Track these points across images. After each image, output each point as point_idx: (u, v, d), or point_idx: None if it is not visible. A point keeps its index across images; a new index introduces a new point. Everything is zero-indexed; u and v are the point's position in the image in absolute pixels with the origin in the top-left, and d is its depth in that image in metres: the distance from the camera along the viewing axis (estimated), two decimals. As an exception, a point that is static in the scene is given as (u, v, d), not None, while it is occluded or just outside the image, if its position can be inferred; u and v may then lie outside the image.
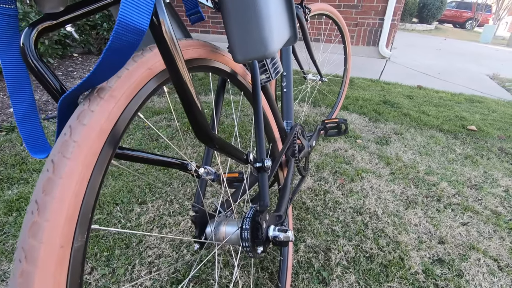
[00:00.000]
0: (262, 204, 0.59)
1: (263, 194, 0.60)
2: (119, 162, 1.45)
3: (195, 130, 0.43)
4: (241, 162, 0.57)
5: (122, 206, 1.23)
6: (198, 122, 0.43)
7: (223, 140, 0.49)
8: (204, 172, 0.64)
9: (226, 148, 0.51)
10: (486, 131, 2.05)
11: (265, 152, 0.63)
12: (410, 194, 1.38)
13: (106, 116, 0.33)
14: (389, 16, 4.07)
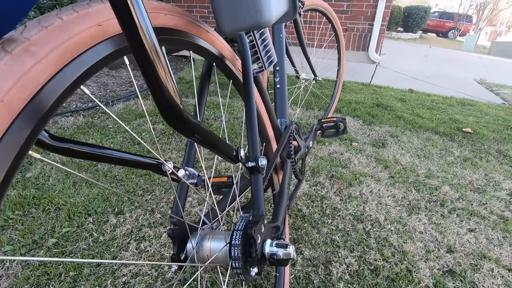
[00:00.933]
0: (256, 212, 0.48)
1: (257, 201, 0.48)
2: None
3: (162, 109, 0.31)
4: (229, 160, 0.46)
5: (95, 217, 1.09)
6: (165, 97, 0.30)
7: (204, 128, 0.38)
8: (185, 175, 0.52)
9: (208, 139, 0.40)
10: (481, 134, 2.01)
11: (259, 149, 0.52)
12: (412, 198, 1.29)
13: (14, 79, 0.21)
14: (378, 21, 4.08)
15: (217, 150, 0.42)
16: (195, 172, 0.56)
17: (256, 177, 0.50)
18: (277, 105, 1.03)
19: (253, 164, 0.50)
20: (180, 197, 0.53)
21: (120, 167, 1.39)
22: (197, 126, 0.36)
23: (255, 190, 0.49)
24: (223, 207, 0.63)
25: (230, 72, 0.61)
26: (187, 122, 0.33)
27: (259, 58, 0.73)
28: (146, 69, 0.28)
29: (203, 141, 0.39)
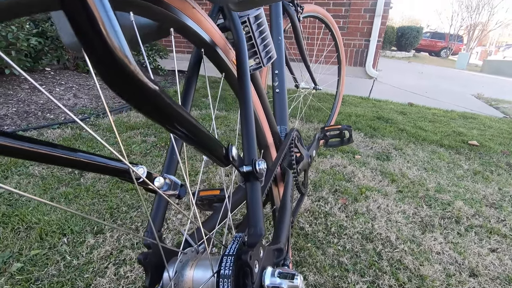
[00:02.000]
0: (253, 231, 0.37)
1: (255, 216, 0.38)
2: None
3: (98, 61, 0.19)
4: (218, 162, 0.35)
5: (71, 237, 0.96)
6: (99, 36, 0.18)
7: (179, 109, 0.27)
8: (163, 184, 0.42)
9: (188, 129, 0.29)
10: (488, 146, 1.93)
11: (256, 151, 0.42)
12: (424, 215, 1.18)
13: None
14: (375, 37, 4.11)
15: (200, 146, 0.32)
16: (177, 181, 0.45)
17: (253, 186, 0.40)
18: (276, 111, 0.94)
19: (249, 169, 0.39)
20: (157, 212, 0.42)
21: (105, 181, 1.27)
22: (165, 104, 0.25)
23: (251, 202, 0.39)
24: (213, 226, 0.52)
25: (222, 63, 0.52)
26: (148, 93, 0.23)
27: (257, 52, 0.64)
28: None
29: (180, 131, 0.29)
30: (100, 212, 1.08)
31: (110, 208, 1.11)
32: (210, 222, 0.51)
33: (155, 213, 0.42)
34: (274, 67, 0.99)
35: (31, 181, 1.24)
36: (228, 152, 0.36)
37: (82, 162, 0.33)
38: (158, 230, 0.42)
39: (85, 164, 0.32)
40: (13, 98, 2.19)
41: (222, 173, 0.84)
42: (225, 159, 0.36)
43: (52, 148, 0.25)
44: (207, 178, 1.36)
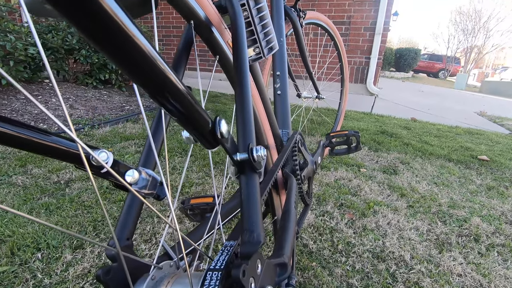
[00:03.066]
0: (249, 238, 0.28)
1: (251, 218, 0.29)
2: None
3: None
4: (201, 139, 0.27)
5: (46, 252, 0.85)
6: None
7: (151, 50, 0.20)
8: (138, 180, 0.33)
9: (157, 83, 0.21)
10: (499, 162, 1.84)
11: (254, 137, 0.34)
12: (439, 232, 1.07)
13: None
14: (375, 55, 4.14)
15: (177, 116, 0.24)
16: (157, 177, 0.37)
17: (249, 178, 0.31)
18: (278, 114, 0.87)
19: (244, 156, 0.31)
20: (128, 215, 0.33)
21: (92, 191, 1.18)
22: (125, 36, 0.17)
23: (247, 200, 0.30)
24: (200, 235, 0.42)
25: (216, 43, 0.45)
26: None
27: (257, 41, 0.58)
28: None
29: (149, 87, 0.21)
30: (83, 224, 0.98)
31: (94, 221, 1.01)
32: (198, 232, 0.42)
33: (125, 216, 0.33)
34: (275, 69, 0.93)
35: (12, 190, 1.15)
36: (215, 127, 0.27)
37: (29, 141, 0.25)
38: (127, 237, 0.33)
39: (22, 142, 0.24)
40: (7, 108, 2.14)
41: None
42: (212, 137, 0.27)
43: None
44: (202, 183, 1.26)
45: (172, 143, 1.77)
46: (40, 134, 0.26)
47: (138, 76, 0.21)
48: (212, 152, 1.67)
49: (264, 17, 0.58)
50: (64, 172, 1.32)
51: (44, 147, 0.26)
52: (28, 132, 0.25)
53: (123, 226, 0.33)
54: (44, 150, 0.27)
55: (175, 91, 0.23)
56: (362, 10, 4.06)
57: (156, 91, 0.22)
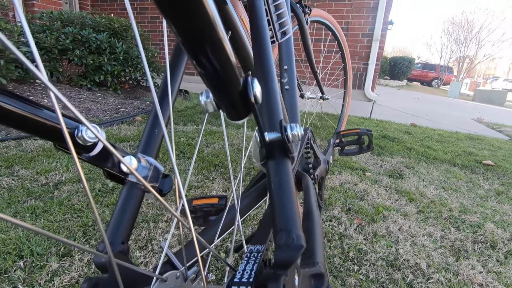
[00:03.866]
0: (286, 240, 0.21)
1: (285, 213, 0.22)
2: None
3: None
4: (228, 107, 0.20)
5: (29, 260, 0.77)
6: None
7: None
8: (137, 170, 0.27)
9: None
10: (504, 167, 1.81)
11: (286, 113, 0.28)
12: (453, 238, 1.02)
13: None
14: (373, 61, 4.14)
15: (209, 63, 0.18)
16: (159, 167, 0.30)
17: (281, 164, 0.25)
18: (287, 109, 0.81)
19: (276, 136, 0.25)
20: (123, 212, 0.26)
21: (83, 194, 1.10)
22: None
23: (279, 191, 0.23)
24: (210, 238, 0.36)
25: (229, 16, 0.39)
26: None
27: (269, 22, 0.52)
28: None
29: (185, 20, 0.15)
30: (71, 229, 0.90)
31: (84, 226, 0.92)
32: (207, 234, 0.35)
33: (120, 214, 0.27)
34: (283, 62, 0.87)
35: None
36: (247, 88, 0.21)
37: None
38: (122, 241, 0.26)
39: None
40: None
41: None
42: (241, 101, 0.21)
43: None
44: (203, 185, 1.18)
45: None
46: (9, 98, 0.20)
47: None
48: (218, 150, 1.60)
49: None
50: (54, 174, 1.24)
51: (16, 117, 0.20)
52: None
53: (116, 227, 0.26)
54: (16, 122, 0.20)
55: (214, 32, 0.17)
56: (360, 16, 4.08)
57: (192, 26, 0.16)
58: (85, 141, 0.22)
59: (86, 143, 0.22)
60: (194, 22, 0.15)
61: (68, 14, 2.85)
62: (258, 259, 0.21)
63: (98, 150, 0.23)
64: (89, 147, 0.23)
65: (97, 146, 0.23)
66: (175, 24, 0.15)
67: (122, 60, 2.97)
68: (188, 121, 2.33)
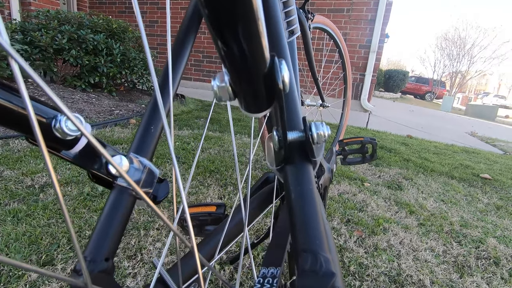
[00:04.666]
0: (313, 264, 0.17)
1: (312, 231, 0.18)
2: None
3: None
4: (247, 95, 0.17)
5: (6, 269, 0.71)
6: None
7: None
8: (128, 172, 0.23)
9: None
10: (501, 181, 1.80)
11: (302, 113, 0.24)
12: (456, 253, 0.98)
13: None
14: (370, 72, 4.18)
15: (236, 38, 0.14)
16: (155, 170, 0.26)
17: (302, 170, 0.21)
18: (288, 115, 0.77)
19: (299, 135, 0.21)
20: (111, 221, 0.22)
21: (71, 198, 1.04)
22: None
23: (301, 201, 0.20)
24: (209, 252, 0.32)
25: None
26: None
27: (278, 20, 0.49)
28: None
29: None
30: (55, 235, 0.84)
31: (65, 232, 0.86)
32: (206, 247, 0.31)
33: (106, 224, 0.22)
34: (286, 66, 0.85)
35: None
36: (274, 70, 0.17)
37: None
38: (107, 257, 0.22)
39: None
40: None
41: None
42: (265, 87, 0.17)
43: None
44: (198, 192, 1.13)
45: (163, 149, 1.65)
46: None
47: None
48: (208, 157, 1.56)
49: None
50: (41, 176, 1.18)
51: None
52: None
53: (101, 240, 0.22)
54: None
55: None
56: (358, 28, 4.13)
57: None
58: (64, 134, 0.18)
59: (65, 137, 0.18)
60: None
61: (66, 13, 2.81)
62: (274, 286, 0.17)
63: (81, 147, 0.19)
64: (70, 142, 0.19)
65: (80, 141, 0.19)
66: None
67: (119, 62, 2.93)
68: (183, 125, 2.29)
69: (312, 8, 4.30)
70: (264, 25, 0.15)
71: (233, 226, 0.41)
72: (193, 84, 5.06)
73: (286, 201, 0.21)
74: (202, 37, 4.83)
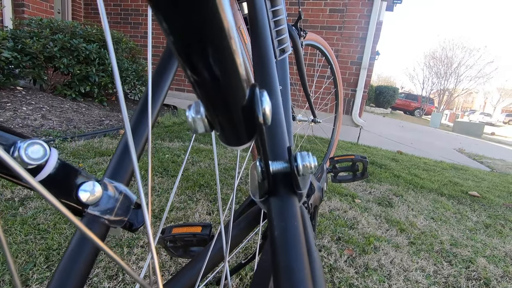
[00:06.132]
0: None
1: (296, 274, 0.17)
2: None
3: None
4: (226, 128, 0.16)
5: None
6: None
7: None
8: (100, 198, 0.21)
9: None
10: (489, 198, 1.82)
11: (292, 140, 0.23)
12: (446, 274, 0.97)
13: None
14: (361, 88, 4.26)
15: (209, 70, 0.13)
16: (131, 195, 0.24)
17: (287, 203, 0.20)
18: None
19: (283, 166, 0.20)
20: (77, 258, 0.20)
21: (52, 213, 0.99)
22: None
23: (284, 239, 0.18)
24: (190, 279, 0.30)
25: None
26: None
27: (269, 39, 0.49)
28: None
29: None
30: (32, 253, 0.79)
31: (48, 249, 0.82)
32: (186, 275, 0.29)
33: (71, 259, 0.20)
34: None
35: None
36: (254, 102, 0.16)
37: None
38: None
39: None
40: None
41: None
42: (245, 120, 0.16)
43: None
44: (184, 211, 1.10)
45: (153, 162, 1.61)
46: None
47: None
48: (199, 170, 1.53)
49: (279, 13, 0.50)
50: (21, 188, 1.13)
51: None
52: None
53: (63, 278, 0.19)
54: None
55: (220, 19, 0.12)
56: (349, 45, 4.24)
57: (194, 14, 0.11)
58: (24, 164, 0.16)
59: (26, 166, 0.16)
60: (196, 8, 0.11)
61: (58, 22, 2.80)
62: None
63: (46, 175, 0.17)
64: (33, 171, 0.17)
65: (45, 169, 0.17)
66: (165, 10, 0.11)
67: (110, 72, 2.91)
68: (174, 137, 2.26)
69: (305, 25, 4.41)
70: (240, 53, 0.14)
71: (217, 251, 0.39)
72: (186, 96, 5.05)
73: (269, 237, 0.19)
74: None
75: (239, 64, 0.14)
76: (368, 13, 4.09)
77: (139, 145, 0.28)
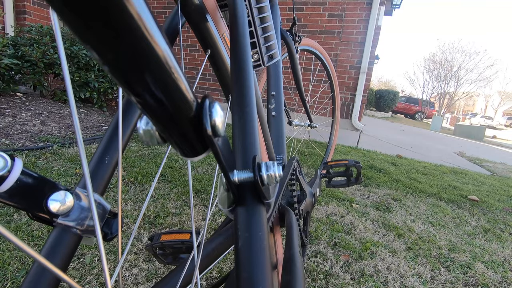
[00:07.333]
0: None
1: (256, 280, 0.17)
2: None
3: None
4: (176, 141, 0.16)
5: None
6: None
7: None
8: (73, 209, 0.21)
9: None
10: (488, 203, 1.80)
11: (259, 148, 0.23)
12: (444, 280, 0.96)
13: None
14: (360, 92, 4.26)
15: (149, 83, 0.13)
16: (106, 205, 0.24)
17: (252, 213, 0.20)
18: (272, 137, 0.77)
19: (247, 176, 0.20)
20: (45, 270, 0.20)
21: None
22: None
23: (248, 248, 0.18)
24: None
25: (209, 34, 0.36)
26: None
27: (256, 45, 0.49)
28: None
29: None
30: (25, 260, 0.79)
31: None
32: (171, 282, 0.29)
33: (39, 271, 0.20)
34: (270, 88, 0.85)
35: None
36: (202, 114, 0.16)
37: None
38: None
39: None
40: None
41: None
42: (194, 132, 0.16)
43: None
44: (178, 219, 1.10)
45: (150, 166, 1.61)
46: None
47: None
48: (193, 171, 1.53)
49: (266, 19, 0.50)
50: (17, 194, 1.13)
51: None
52: None
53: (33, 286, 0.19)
54: None
55: (151, 38, 0.12)
56: (348, 49, 4.25)
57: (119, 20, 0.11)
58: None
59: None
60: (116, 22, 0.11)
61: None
62: None
63: (9, 186, 0.17)
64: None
65: (8, 179, 0.17)
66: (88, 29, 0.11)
67: (110, 78, 2.93)
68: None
69: (304, 30, 4.44)
70: (179, 70, 0.14)
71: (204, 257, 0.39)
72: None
73: (235, 248, 0.19)
74: (196, 55, 4.90)
75: (175, 75, 0.14)
76: (367, 18, 4.12)
77: (115, 155, 0.28)
